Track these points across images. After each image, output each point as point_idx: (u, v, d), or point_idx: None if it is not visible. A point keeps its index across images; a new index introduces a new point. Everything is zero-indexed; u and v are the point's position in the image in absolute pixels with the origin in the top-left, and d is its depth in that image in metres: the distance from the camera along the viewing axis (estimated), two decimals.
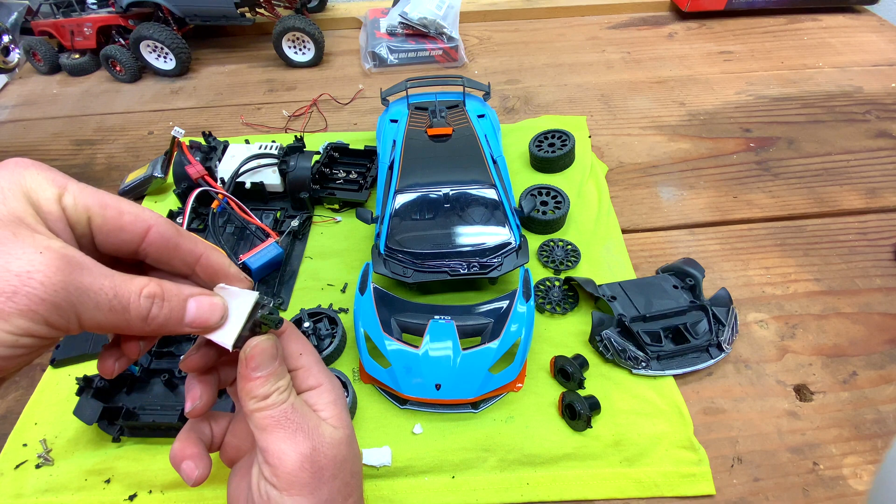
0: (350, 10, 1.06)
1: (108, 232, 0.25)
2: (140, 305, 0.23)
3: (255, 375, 0.27)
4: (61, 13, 0.91)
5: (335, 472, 0.28)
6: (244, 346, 0.27)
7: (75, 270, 0.21)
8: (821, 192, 0.65)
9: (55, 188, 0.23)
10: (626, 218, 0.63)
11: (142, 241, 0.26)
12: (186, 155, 0.61)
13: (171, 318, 0.25)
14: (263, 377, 0.28)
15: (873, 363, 0.49)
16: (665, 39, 0.97)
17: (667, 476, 0.42)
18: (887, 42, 0.93)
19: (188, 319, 0.25)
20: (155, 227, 0.26)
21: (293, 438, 0.27)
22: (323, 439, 0.28)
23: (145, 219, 0.25)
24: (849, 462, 0.43)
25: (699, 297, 0.51)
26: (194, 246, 0.27)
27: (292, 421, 0.27)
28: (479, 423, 0.45)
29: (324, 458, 0.28)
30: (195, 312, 0.25)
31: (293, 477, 0.27)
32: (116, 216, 0.25)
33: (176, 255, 0.27)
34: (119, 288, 0.23)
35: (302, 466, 0.27)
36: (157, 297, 0.24)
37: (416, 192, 0.55)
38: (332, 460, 0.28)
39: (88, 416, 0.43)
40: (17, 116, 0.86)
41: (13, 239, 0.20)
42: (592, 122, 0.77)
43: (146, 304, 0.23)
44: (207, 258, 0.28)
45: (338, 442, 0.29)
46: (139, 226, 0.25)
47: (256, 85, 0.90)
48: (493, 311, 0.50)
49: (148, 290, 0.24)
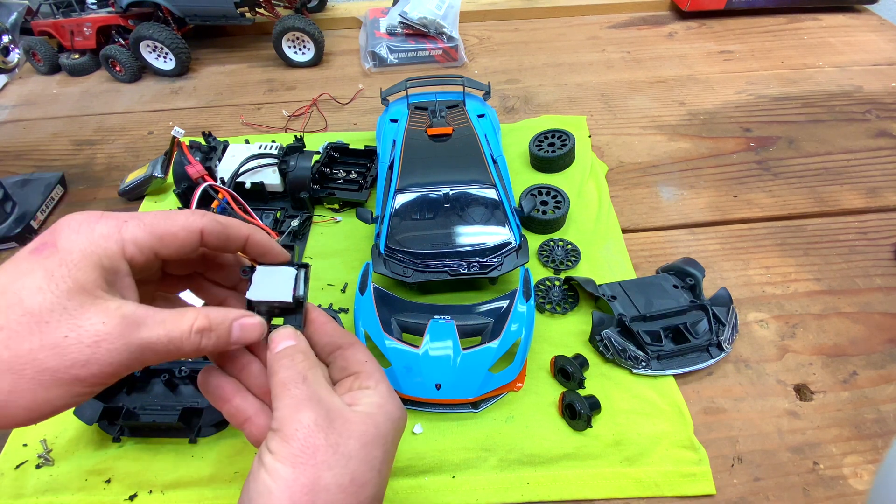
0: (350, 10, 1.06)
1: (172, 254, 0.28)
2: (192, 341, 0.26)
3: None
4: (61, 13, 0.91)
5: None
6: None
7: (134, 331, 0.24)
8: (821, 191, 0.65)
9: (116, 245, 0.25)
10: (626, 217, 0.63)
11: (199, 244, 0.29)
12: (186, 155, 0.61)
13: (219, 343, 0.27)
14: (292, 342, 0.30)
15: (873, 363, 0.49)
16: (665, 39, 0.97)
17: (667, 476, 0.42)
18: (887, 42, 0.93)
19: (233, 340, 0.28)
20: (204, 229, 0.28)
21: (303, 405, 0.27)
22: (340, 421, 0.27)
23: (196, 228, 0.28)
24: (849, 462, 0.43)
25: (699, 297, 0.51)
26: (240, 230, 0.30)
27: (309, 386, 0.28)
28: (479, 423, 0.45)
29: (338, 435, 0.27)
30: (239, 334, 0.28)
31: (300, 447, 0.26)
32: (173, 240, 0.27)
33: (228, 244, 0.30)
34: (172, 333, 0.25)
35: (313, 433, 0.26)
36: (206, 330, 0.27)
37: (416, 192, 0.54)
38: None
39: (88, 416, 0.43)
40: (17, 116, 0.86)
41: (80, 310, 0.23)
42: (592, 122, 0.77)
43: (196, 338, 0.26)
44: (254, 238, 0.31)
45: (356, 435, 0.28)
46: (194, 237, 0.28)
47: (256, 85, 0.90)
48: (494, 310, 0.50)
49: (198, 326, 0.26)
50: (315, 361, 0.30)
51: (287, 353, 0.29)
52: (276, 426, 0.27)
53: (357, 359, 0.32)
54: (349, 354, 0.32)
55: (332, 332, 0.33)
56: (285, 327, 0.31)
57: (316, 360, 0.30)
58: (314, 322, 0.32)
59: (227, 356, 0.32)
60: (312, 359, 0.30)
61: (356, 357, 0.32)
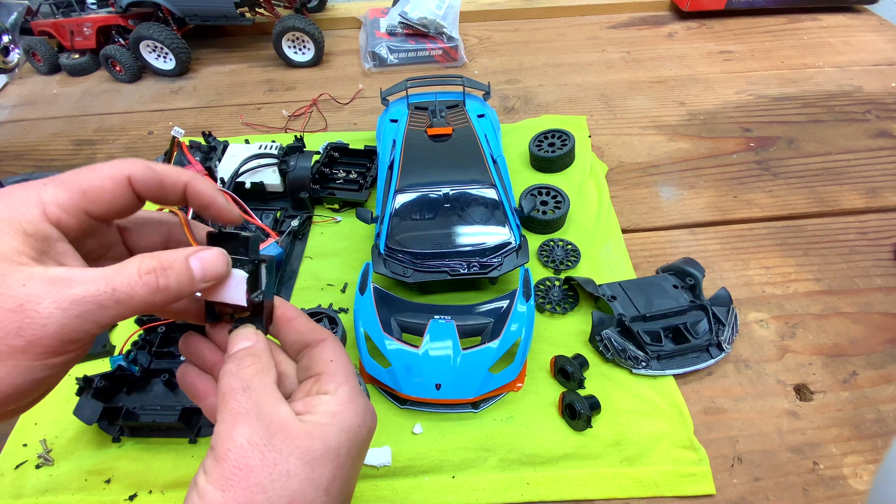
0: (350, 10, 1.06)
1: (105, 210, 0.25)
2: (145, 286, 0.23)
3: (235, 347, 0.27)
4: (61, 13, 0.91)
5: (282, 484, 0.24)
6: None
7: (64, 288, 0.21)
8: (821, 191, 0.65)
9: (37, 209, 0.23)
10: (626, 218, 0.63)
11: (132, 196, 0.26)
12: (186, 155, 0.61)
13: (182, 281, 0.24)
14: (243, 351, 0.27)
15: (873, 363, 0.49)
16: (665, 39, 0.97)
17: (667, 476, 0.42)
18: (887, 42, 0.93)
19: (199, 276, 0.25)
20: (132, 175, 0.25)
21: (239, 420, 0.24)
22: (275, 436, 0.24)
23: (120, 176, 0.25)
24: (849, 462, 0.43)
25: (699, 297, 0.51)
26: (177, 176, 0.27)
27: (250, 397, 0.25)
28: (479, 423, 0.45)
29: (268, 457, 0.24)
30: (201, 267, 0.25)
31: (231, 468, 0.23)
32: (100, 193, 0.25)
33: (165, 192, 0.27)
34: (114, 280, 0.22)
35: (239, 455, 0.23)
36: (157, 269, 0.24)
37: (416, 192, 0.54)
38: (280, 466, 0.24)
39: (88, 416, 0.43)
40: (16, 116, 0.86)
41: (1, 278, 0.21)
42: (592, 122, 0.77)
43: (150, 279, 0.23)
44: (193, 185, 0.27)
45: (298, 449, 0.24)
46: (122, 187, 0.25)
47: (256, 85, 0.90)
48: (493, 310, 0.50)
49: (145, 266, 0.23)
50: (266, 365, 0.27)
51: (238, 356, 0.27)
52: (213, 443, 0.24)
53: (322, 357, 0.29)
54: (315, 353, 0.29)
55: (299, 328, 0.30)
56: (246, 326, 0.28)
57: (268, 364, 0.27)
58: (279, 319, 0.30)
59: (198, 354, 0.29)
60: (264, 362, 0.27)
61: (322, 356, 0.29)
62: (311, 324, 0.30)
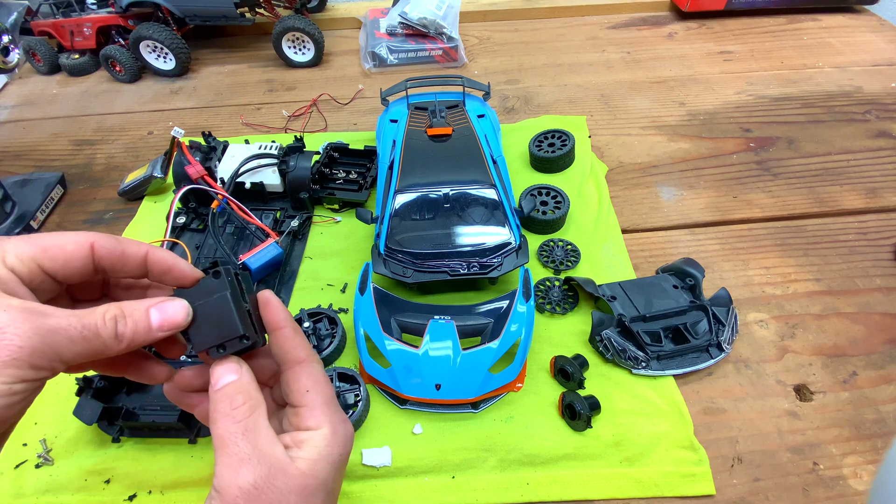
0: (350, 10, 1.06)
1: (61, 268, 0.27)
2: (107, 327, 0.26)
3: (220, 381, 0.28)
4: (61, 13, 0.91)
5: None
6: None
7: (39, 317, 0.24)
8: (821, 191, 0.65)
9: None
10: (626, 218, 0.63)
11: (92, 260, 0.28)
12: (186, 155, 0.61)
13: (139, 329, 0.27)
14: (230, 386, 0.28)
15: (873, 363, 0.49)
16: (665, 39, 0.97)
17: (667, 476, 0.42)
18: (887, 42, 0.93)
19: (156, 325, 0.27)
20: (95, 242, 0.28)
21: (243, 465, 0.26)
22: (275, 479, 0.27)
23: (84, 241, 0.28)
24: (849, 462, 0.43)
25: (699, 297, 0.51)
26: (137, 247, 0.29)
27: (249, 441, 0.27)
28: (479, 423, 0.45)
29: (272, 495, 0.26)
30: (159, 317, 0.27)
31: None
32: (60, 252, 0.27)
33: (125, 262, 0.29)
34: (84, 319, 0.25)
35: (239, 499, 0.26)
36: (119, 316, 0.26)
37: (416, 192, 0.54)
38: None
39: (88, 416, 0.43)
40: (16, 117, 0.86)
41: None
42: (592, 122, 0.77)
43: (111, 325, 0.26)
44: (153, 255, 0.30)
45: (296, 488, 0.27)
46: (83, 249, 0.28)
47: (256, 85, 0.90)
48: (493, 311, 0.50)
49: (110, 314, 0.26)
50: (257, 401, 0.28)
51: (227, 393, 0.28)
52: (218, 486, 0.26)
53: (299, 387, 0.30)
54: (292, 379, 0.30)
55: (281, 342, 0.31)
56: (227, 359, 0.29)
57: (258, 399, 0.29)
58: (269, 325, 0.31)
59: (186, 384, 0.32)
60: (254, 398, 0.28)
61: (298, 384, 0.30)
62: (293, 340, 0.31)
